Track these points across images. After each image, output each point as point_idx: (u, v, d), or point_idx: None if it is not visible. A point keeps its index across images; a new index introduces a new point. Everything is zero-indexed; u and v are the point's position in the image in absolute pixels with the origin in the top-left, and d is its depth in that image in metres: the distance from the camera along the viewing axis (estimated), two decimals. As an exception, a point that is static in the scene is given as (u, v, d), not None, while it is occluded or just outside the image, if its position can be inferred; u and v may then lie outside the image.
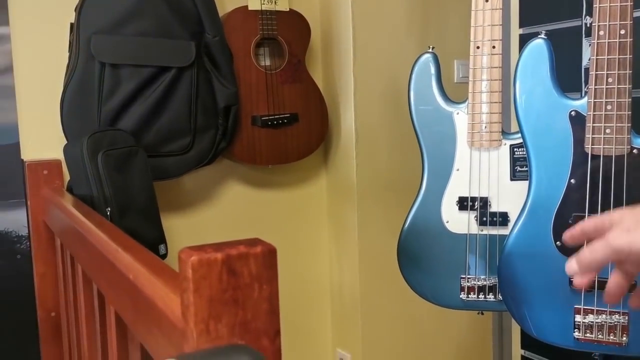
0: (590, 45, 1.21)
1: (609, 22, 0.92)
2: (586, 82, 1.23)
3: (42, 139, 1.61)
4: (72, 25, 1.55)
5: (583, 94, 1.02)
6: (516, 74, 1.04)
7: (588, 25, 1.21)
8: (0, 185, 1.59)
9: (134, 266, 0.80)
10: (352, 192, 1.95)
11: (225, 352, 0.41)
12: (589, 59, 1.09)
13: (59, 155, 1.58)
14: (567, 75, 1.10)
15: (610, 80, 0.94)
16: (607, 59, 0.94)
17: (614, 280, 0.70)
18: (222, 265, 0.57)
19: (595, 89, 0.96)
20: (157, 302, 0.70)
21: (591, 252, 0.66)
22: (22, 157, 1.60)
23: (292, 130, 1.87)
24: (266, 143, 1.83)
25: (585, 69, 1.22)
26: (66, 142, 1.54)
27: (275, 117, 1.83)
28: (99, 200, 1.44)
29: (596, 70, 0.95)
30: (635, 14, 1.02)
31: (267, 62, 1.85)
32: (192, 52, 1.63)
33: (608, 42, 0.93)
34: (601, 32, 0.93)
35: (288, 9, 1.83)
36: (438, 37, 2.02)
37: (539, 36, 1.04)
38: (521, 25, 1.51)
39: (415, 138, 1.38)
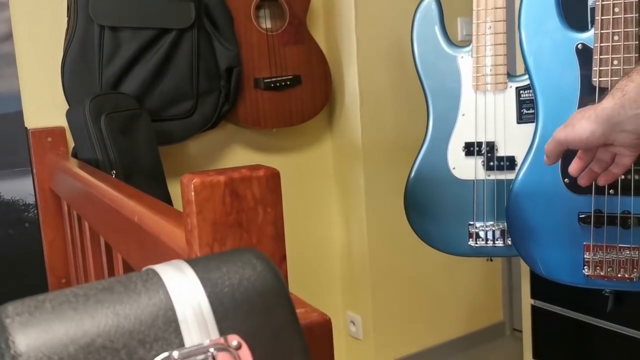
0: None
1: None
2: (592, 20, 1.20)
3: (45, 106, 1.60)
4: (69, -11, 1.53)
5: (590, 27, 1.00)
6: (521, 10, 1.02)
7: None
8: (5, 154, 1.59)
9: (137, 209, 0.80)
10: (358, 153, 1.93)
11: (231, 253, 0.40)
12: (595, -2, 1.07)
13: (63, 122, 1.58)
14: (574, 14, 1.08)
15: (616, 10, 0.91)
16: (612, 18, 0.91)
17: (576, 163, 0.88)
18: (225, 188, 0.56)
19: (601, 19, 0.94)
20: (162, 237, 0.69)
21: (547, 146, 0.87)
22: (26, 125, 1.59)
23: (295, 93, 1.85)
24: (270, 106, 1.82)
25: (591, 8, 1.20)
26: (68, 108, 1.53)
27: (278, 79, 1.81)
28: (104, 163, 1.43)
29: (602, 0, 0.93)
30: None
31: (268, 24, 1.83)
32: (192, 13, 1.61)
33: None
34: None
35: (287, -31, 1.80)
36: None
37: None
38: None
39: (421, 96, 1.36)
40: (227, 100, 1.73)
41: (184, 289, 0.36)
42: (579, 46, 0.98)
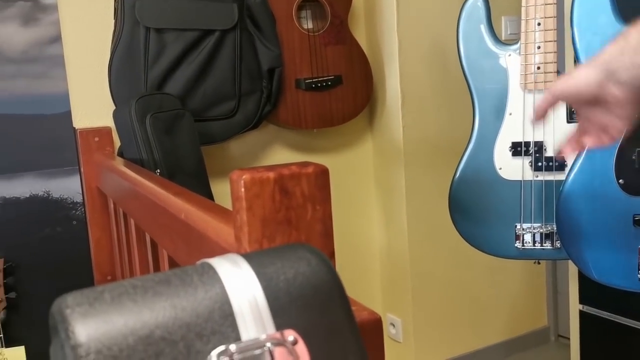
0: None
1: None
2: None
3: (92, 107, 1.64)
4: (116, -9, 1.56)
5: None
6: (573, 5, 0.99)
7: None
8: (54, 154, 1.63)
9: (184, 206, 0.80)
10: (399, 155, 1.92)
11: (284, 248, 0.40)
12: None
13: (109, 122, 1.61)
14: (630, 6, 1.04)
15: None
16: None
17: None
18: (274, 184, 0.56)
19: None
20: (209, 234, 0.70)
21: (540, 100, 0.85)
22: (74, 125, 1.63)
23: (336, 93, 1.85)
24: (311, 106, 1.82)
25: None
26: (115, 108, 1.56)
27: (319, 79, 1.81)
28: (149, 162, 1.45)
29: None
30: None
31: (310, 25, 1.83)
32: (234, 14, 1.62)
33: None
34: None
35: (329, -31, 1.80)
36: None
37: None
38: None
39: (463, 96, 1.34)
40: (269, 100, 1.74)
41: (240, 283, 0.35)
42: (635, 41, 0.94)
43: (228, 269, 0.36)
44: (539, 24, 1.08)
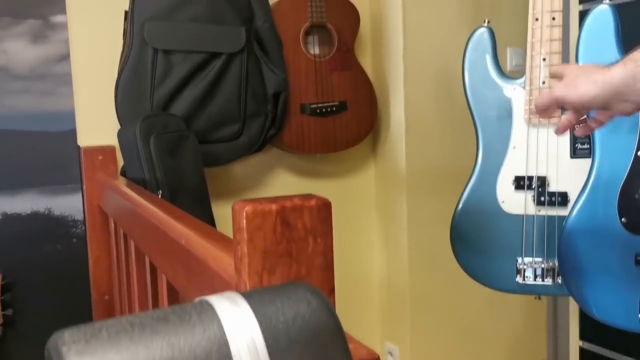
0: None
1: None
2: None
3: (98, 125, 1.65)
4: (126, 13, 1.58)
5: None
6: (579, 42, 1.00)
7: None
8: (57, 170, 1.63)
9: (185, 232, 0.80)
10: (401, 182, 1.92)
11: (284, 287, 0.39)
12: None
13: (114, 141, 1.62)
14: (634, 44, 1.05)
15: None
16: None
17: (565, 118, 0.91)
18: (276, 217, 0.56)
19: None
20: (209, 263, 0.69)
21: (541, 97, 0.88)
22: (79, 143, 1.64)
23: (340, 119, 1.86)
24: (315, 131, 1.82)
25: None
26: (120, 127, 1.57)
27: (324, 105, 1.82)
28: (151, 183, 1.46)
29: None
30: None
31: (316, 50, 1.85)
32: (242, 38, 1.64)
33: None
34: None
35: (337, -4, 1.82)
36: (491, 23, 1.97)
37: (604, 2, 0.99)
38: (581, 1, 1.45)
39: (467, 126, 1.34)
40: (273, 124, 1.74)
41: (239, 323, 0.35)
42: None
43: (227, 307, 0.36)
44: (544, 60, 1.09)
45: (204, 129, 1.64)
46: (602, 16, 0.98)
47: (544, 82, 1.09)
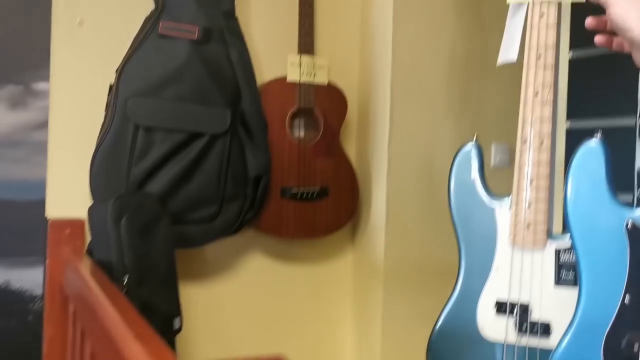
0: (644, 147, 1.15)
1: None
2: (639, 184, 1.16)
3: (69, 197, 1.58)
4: (111, 86, 1.55)
5: (637, 202, 0.95)
6: (568, 175, 0.98)
7: (642, 126, 1.15)
8: (19, 241, 1.56)
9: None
10: (378, 273, 1.86)
11: None
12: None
13: (84, 215, 1.55)
14: (619, 175, 1.04)
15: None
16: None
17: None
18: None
19: (655, 199, 0.89)
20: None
21: None
22: (47, 214, 1.57)
23: (321, 205, 1.82)
24: (294, 216, 1.78)
25: (638, 172, 1.16)
26: (92, 203, 1.51)
27: (305, 190, 1.79)
28: (117, 267, 1.39)
29: (657, 180, 0.88)
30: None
31: (302, 133, 1.83)
32: (227, 120, 1.61)
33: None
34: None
35: (327, 82, 1.82)
36: (477, 119, 1.98)
37: (595, 136, 0.98)
38: (569, 117, 1.46)
39: (449, 222, 1.31)
40: (252, 207, 1.70)
41: None
42: (629, 225, 0.93)
43: None
44: (531, 182, 1.07)
45: (179, 209, 1.58)
46: (593, 151, 0.97)
47: (529, 205, 1.07)
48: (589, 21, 0.89)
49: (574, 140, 1.49)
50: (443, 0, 1.89)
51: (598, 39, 0.90)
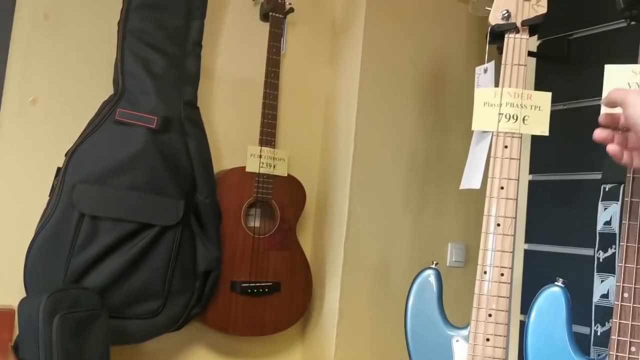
0: (602, 281, 1.14)
1: (635, 285, 0.85)
2: (596, 320, 1.14)
3: (2, 283, 1.47)
4: (59, 169, 1.47)
5: (596, 354, 0.93)
6: (529, 319, 0.95)
7: (601, 260, 1.15)
8: (-61, 331, 1.42)
9: None
10: (327, 375, 1.78)
11: None
12: (600, 297, 1.01)
13: (16, 303, 1.43)
14: (577, 307, 1.02)
15: (633, 349, 0.85)
16: (631, 325, 0.85)
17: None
18: None
19: (616, 356, 0.87)
20: None
21: (617, 91, 0.82)
22: (-27, 301, 1.45)
23: (272, 300, 1.74)
24: (243, 312, 1.70)
25: (596, 305, 1.14)
26: (24, 296, 1.40)
27: (257, 285, 1.71)
28: (45, 370, 1.27)
29: (618, 335, 0.86)
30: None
31: (257, 224, 1.77)
32: (180, 211, 1.54)
33: (633, 306, 0.85)
34: (625, 295, 0.86)
35: (286, 175, 1.78)
36: (434, 218, 1.97)
37: (557, 283, 0.96)
38: (527, 241, 1.45)
39: (402, 323, 1.25)
40: (199, 302, 1.61)
41: None
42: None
43: None
44: (489, 315, 1.03)
45: (120, 303, 1.48)
46: (555, 298, 0.95)
47: (488, 340, 1.03)
48: (603, 118, 0.89)
49: (531, 262, 1.49)
50: (405, 101, 1.91)
51: (599, 133, 0.88)
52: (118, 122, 1.48)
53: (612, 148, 0.87)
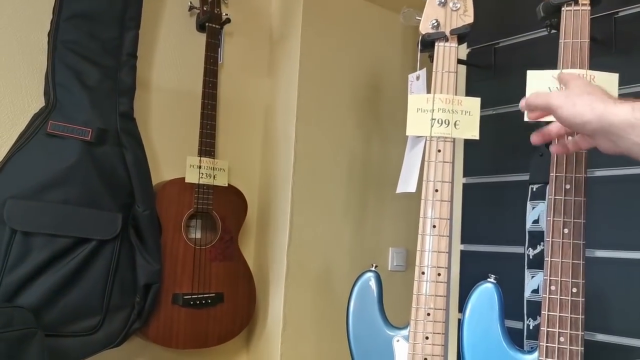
0: (532, 277, 1.19)
1: (560, 277, 0.90)
2: (528, 314, 1.19)
3: None
4: (-13, 185, 1.41)
5: (528, 347, 0.97)
6: (464, 315, 0.98)
7: (531, 257, 1.20)
8: None
9: None
10: (273, 384, 1.78)
11: None
12: (531, 292, 1.06)
13: (-59, 326, 1.36)
14: (509, 303, 1.06)
15: (562, 339, 0.89)
16: (559, 316, 0.90)
17: (548, 128, 0.89)
18: None
19: (546, 346, 0.91)
20: None
21: (536, 97, 0.83)
22: None
23: (215, 312, 1.73)
24: (185, 325, 1.67)
25: (527, 301, 1.20)
26: (-49, 317, 1.33)
27: (199, 296, 1.69)
28: (-24, 394, 1.22)
29: (547, 327, 0.91)
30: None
31: (198, 235, 1.75)
32: (117, 225, 1.51)
33: (560, 298, 0.90)
34: (552, 287, 0.90)
35: (227, 185, 1.78)
36: (375, 224, 2.01)
37: (489, 280, 1.00)
38: (463, 242, 1.51)
39: (346, 335, 1.27)
40: (140, 317, 1.58)
41: None
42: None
43: None
44: (428, 314, 1.07)
45: (55, 321, 1.44)
46: (487, 294, 0.99)
47: (427, 338, 1.06)
48: (535, 138, 0.89)
49: (468, 261, 1.54)
50: (344, 110, 1.95)
51: (556, 148, 0.91)
52: (50, 135, 1.44)
53: (556, 149, 0.91)
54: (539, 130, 0.90)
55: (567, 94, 0.78)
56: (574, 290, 0.90)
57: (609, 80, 0.94)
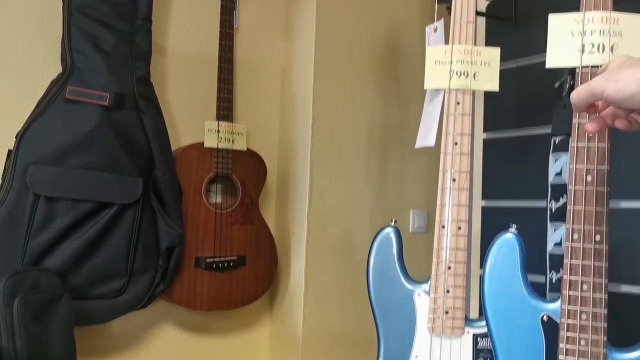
0: (555, 230, 1.17)
1: (583, 226, 0.88)
2: (551, 267, 1.18)
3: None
4: (9, 152, 1.43)
5: (551, 298, 0.96)
6: (485, 266, 0.98)
7: (553, 210, 1.18)
8: None
9: None
10: (296, 345, 1.80)
11: None
12: (554, 245, 1.04)
13: (-28, 290, 1.40)
14: (531, 256, 1.05)
15: (585, 287, 0.88)
16: (582, 264, 0.89)
17: (604, 113, 0.80)
18: None
19: (569, 295, 0.90)
20: None
21: (577, 93, 0.77)
22: None
23: (237, 275, 1.75)
24: (208, 287, 1.70)
25: (550, 254, 1.18)
26: (-19, 280, 1.37)
27: (222, 259, 1.71)
28: (9, 353, 1.25)
29: (570, 275, 0.89)
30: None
31: (219, 200, 1.76)
32: (139, 189, 1.52)
33: (582, 246, 0.89)
34: (575, 236, 0.89)
35: (245, 149, 1.78)
36: (395, 187, 1.99)
37: (510, 230, 0.99)
38: (484, 197, 1.49)
39: (367, 295, 1.28)
40: (163, 280, 1.60)
41: None
42: (545, 318, 0.93)
43: None
44: (449, 268, 1.06)
45: (82, 284, 1.47)
46: (509, 244, 0.98)
47: (448, 291, 1.05)
48: (590, 128, 0.80)
49: (489, 218, 1.53)
50: (362, 72, 1.92)
51: (591, 127, 0.81)
52: (69, 101, 1.45)
53: (621, 124, 0.80)
54: (594, 120, 0.81)
55: (606, 74, 0.74)
56: (597, 238, 0.88)
57: (637, 22, 0.90)
